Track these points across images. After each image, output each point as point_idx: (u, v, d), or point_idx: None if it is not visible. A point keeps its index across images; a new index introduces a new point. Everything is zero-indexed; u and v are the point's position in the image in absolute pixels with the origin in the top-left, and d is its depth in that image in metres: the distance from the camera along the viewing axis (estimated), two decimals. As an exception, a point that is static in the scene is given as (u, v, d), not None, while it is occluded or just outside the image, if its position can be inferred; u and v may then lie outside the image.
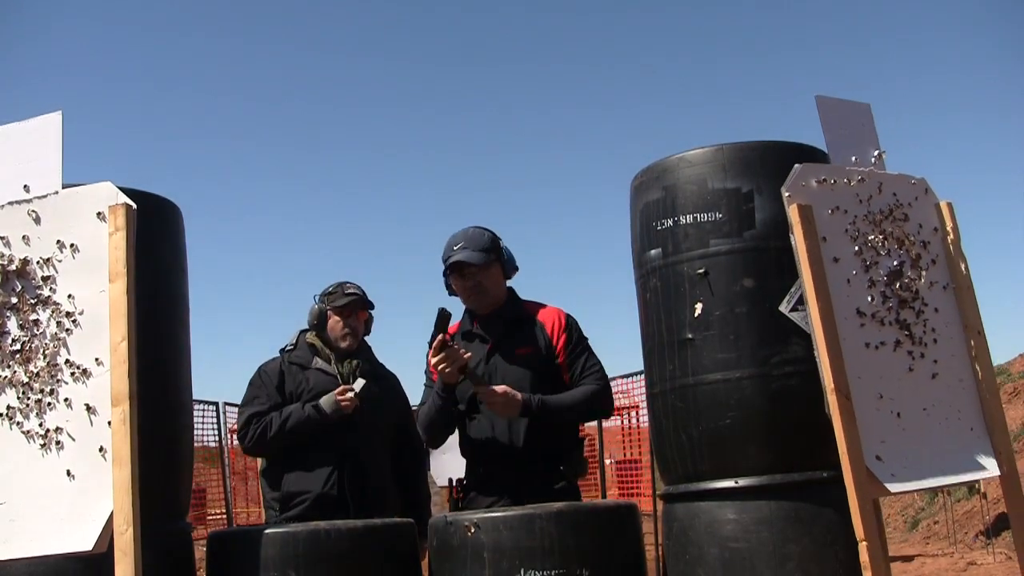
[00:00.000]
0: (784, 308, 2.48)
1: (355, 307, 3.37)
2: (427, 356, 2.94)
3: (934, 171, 2.72)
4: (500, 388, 2.75)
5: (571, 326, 2.95)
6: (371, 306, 3.44)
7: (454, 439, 3.09)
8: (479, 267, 2.89)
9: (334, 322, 3.36)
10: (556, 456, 2.88)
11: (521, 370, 2.88)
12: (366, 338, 3.47)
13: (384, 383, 3.45)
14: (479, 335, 2.96)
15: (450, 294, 3.03)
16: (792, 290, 2.48)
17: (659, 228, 2.61)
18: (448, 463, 3.58)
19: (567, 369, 2.89)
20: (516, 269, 3.02)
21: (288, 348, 3.39)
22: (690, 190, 2.57)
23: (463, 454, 3.04)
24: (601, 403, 2.92)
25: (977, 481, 2.84)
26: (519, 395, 2.76)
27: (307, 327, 3.41)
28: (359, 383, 3.24)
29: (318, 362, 3.33)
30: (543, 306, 3.02)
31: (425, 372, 3.06)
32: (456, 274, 2.92)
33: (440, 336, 2.71)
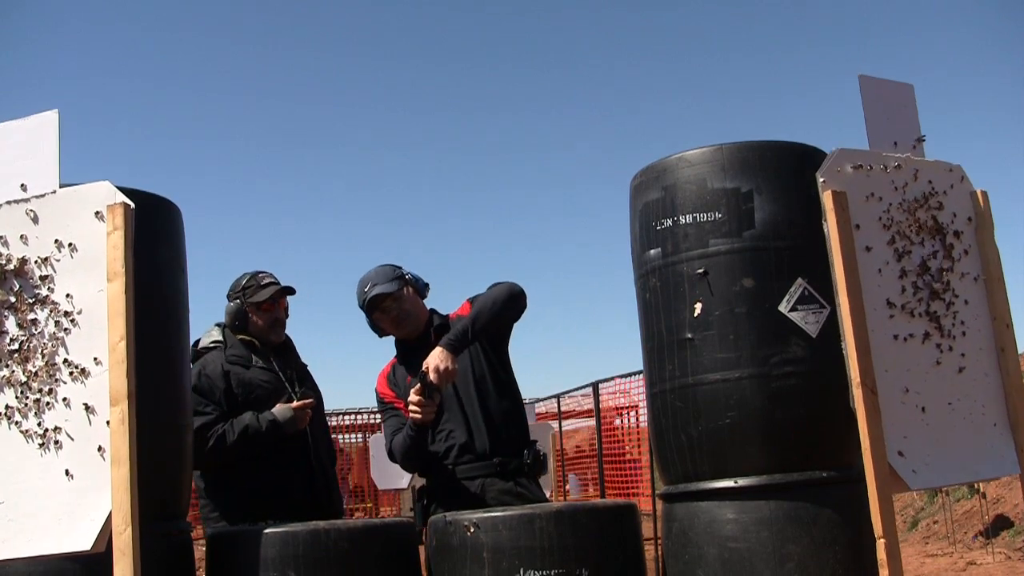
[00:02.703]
0: (784, 308, 2.47)
1: (277, 297, 3.20)
2: (380, 387, 3.13)
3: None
4: (428, 363, 2.80)
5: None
6: (292, 291, 3.26)
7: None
8: (395, 295, 3.00)
9: (258, 317, 3.18)
10: (518, 456, 2.95)
11: (467, 369, 2.99)
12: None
13: (310, 378, 3.37)
14: (416, 362, 2.96)
15: (380, 336, 3.13)
16: (792, 290, 2.48)
17: (659, 228, 2.61)
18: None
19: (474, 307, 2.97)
20: (427, 285, 3.14)
21: (212, 345, 3.19)
22: (689, 190, 2.57)
23: (424, 467, 3.08)
24: (516, 295, 2.97)
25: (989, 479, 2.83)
26: (438, 349, 2.82)
27: (222, 323, 3.24)
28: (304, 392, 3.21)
29: (258, 360, 3.17)
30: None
31: (381, 402, 3.15)
32: (378, 310, 3.03)
33: (437, 395, 2.83)
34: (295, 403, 3.09)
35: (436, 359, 2.80)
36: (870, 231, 2.37)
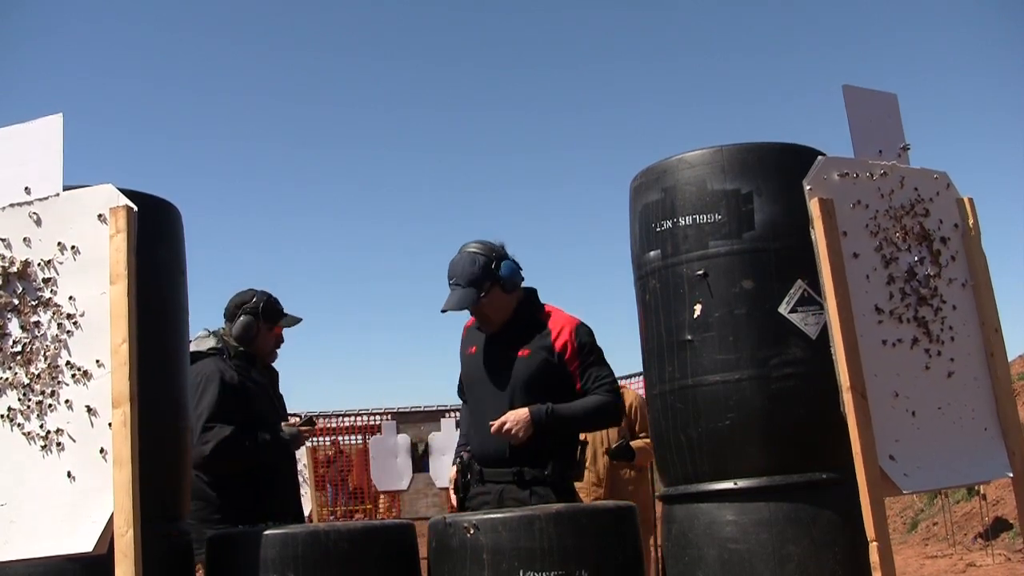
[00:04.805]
0: (783, 309, 2.48)
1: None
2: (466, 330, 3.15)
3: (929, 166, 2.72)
4: (503, 418, 2.82)
5: (581, 334, 2.94)
6: (300, 321, 3.46)
7: (452, 442, 3.17)
8: (471, 307, 2.94)
9: (267, 339, 3.32)
10: (545, 458, 2.90)
11: (516, 368, 2.93)
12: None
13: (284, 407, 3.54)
14: (484, 339, 3.06)
15: None
16: (791, 291, 2.48)
17: (658, 229, 2.62)
18: (447, 465, 3.65)
19: (579, 377, 2.91)
20: (518, 283, 2.99)
21: (209, 351, 3.26)
22: (689, 191, 2.57)
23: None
24: (610, 414, 2.94)
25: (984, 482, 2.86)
26: (526, 412, 2.82)
27: (215, 329, 3.34)
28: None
29: (256, 375, 3.31)
30: (557, 313, 3.03)
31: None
32: None
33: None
34: (301, 427, 3.30)
35: (516, 419, 2.79)
36: (857, 238, 2.40)
